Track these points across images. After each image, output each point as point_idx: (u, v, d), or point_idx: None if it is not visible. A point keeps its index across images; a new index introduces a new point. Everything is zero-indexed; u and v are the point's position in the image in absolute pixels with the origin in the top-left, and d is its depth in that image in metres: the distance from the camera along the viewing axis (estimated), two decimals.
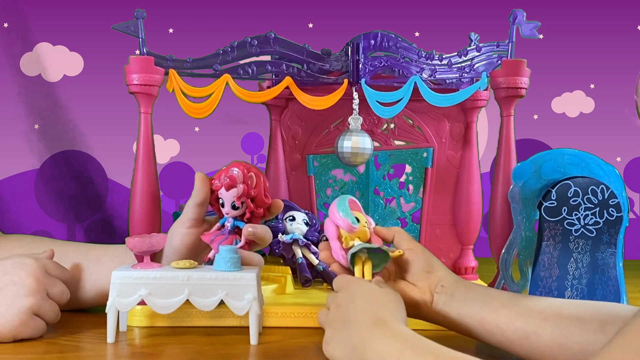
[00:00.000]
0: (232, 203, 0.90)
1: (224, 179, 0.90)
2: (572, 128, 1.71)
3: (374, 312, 0.74)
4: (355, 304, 0.76)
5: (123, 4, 1.43)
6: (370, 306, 0.75)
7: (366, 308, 0.75)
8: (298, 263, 1.05)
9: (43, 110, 1.60)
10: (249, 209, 0.90)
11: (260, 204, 0.91)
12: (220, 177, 0.90)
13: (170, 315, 0.90)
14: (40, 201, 1.60)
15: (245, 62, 1.00)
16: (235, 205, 0.90)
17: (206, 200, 0.91)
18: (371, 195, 1.18)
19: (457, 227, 1.17)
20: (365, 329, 0.72)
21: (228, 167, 0.91)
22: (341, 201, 0.87)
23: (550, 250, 0.94)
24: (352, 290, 0.78)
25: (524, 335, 0.77)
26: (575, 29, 1.68)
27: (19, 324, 0.84)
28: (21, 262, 0.87)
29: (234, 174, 0.90)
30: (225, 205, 0.91)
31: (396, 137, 1.16)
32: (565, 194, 0.92)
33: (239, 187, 0.89)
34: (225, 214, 0.91)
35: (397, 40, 1.04)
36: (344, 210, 0.86)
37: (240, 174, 0.90)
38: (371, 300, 0.76)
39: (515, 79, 0.99)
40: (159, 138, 1.63)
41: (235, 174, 0.90)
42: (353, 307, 0.76)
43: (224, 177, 0.90)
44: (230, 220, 0.91)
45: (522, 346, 0.77)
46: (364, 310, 0.75)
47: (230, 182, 0.89)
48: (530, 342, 0.77)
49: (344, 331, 0.74)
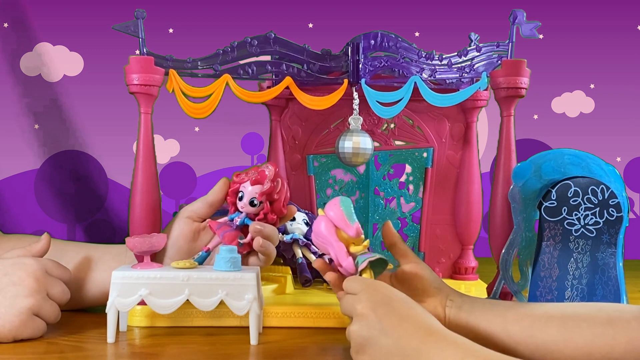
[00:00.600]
0: (252, 199, 0.90)
1: (252, 173, 0.90)
2: (572, 128, 1.71)
3: (423, 320, 0.71)
4: (395, 309, 0.72)
5: (123, 4, 1.43)
6: (414, 312, 0.72)
7: (409, 313, 0.71)
8: (298, 263, 1.05)
9: (43, 110, 1.60)
10: (264, 210, 0.90)
11: (277, 211, 0.91)
12: (249, 172, 0.91)
13: (170, 315, 0.90)
14: (40, 201, 1.60)
15: (245, 62, 1.00)
16: (254, 202, 0.90)
17: (218, 203, 0.93)
18: (371, 195, 1.18)
19: (457, 227, 1.17)
20: (418, 338, 0.68)
21: (260, 166, 0.92)
22: (348, 204, 0.85)
23: (550, 250, 0.94)
24: (383, 291, 0.74)
25: (529, 334, 0.77)
26: (575, 29, 1.68)
27: (19, 324, 0.84)
28: (21, 262, 0.87)
29: (265, 171, 0.90)
30: (243, 199, 0.90)
31: (396, 137, 1.16)
32: (565, 194, 0.92)
33: (266, 184, 0.89)
34: (240, 208, 0.91)
35: (397, 40, 1.04)
36: (352, 215, 0.85)
37: (272, 172, 0.90)
38: (412, 307, 0.73)
39: (515, 79, 0.99)
40: (159, 138, 1.63)
41: (267, 171, 0.90)
42: (392, 313, 0.71)
43: (254, 172, 0.91)
44: (242, 216, 0.91)
45: (528, 345, 0.77)
46: (408, 316, 0.71)
47: (259, 178, 0.90)
48: (537, 340, 0.76)
49: (384, 340, 0.70)
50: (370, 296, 0.74)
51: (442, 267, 1.18)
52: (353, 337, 0.72)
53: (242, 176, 0.91)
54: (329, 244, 0.85)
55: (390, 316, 0.71)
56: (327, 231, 0.85)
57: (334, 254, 0.84)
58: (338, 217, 0.85)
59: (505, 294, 0.98)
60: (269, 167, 0.91)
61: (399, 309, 0.72)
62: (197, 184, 1.66)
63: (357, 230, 0.84)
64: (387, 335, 0.70)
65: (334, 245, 0.84)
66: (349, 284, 0.78)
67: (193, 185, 1.65)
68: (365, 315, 0.72)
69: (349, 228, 0.84)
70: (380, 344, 0.70)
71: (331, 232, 0.85)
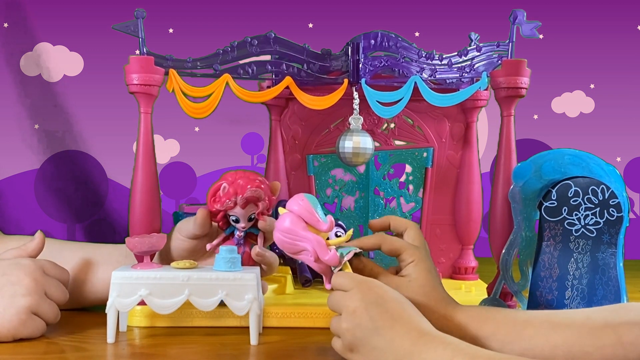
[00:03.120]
0: (250, 216, 0.90)
1: (240, 200, 0.88)
2: (572, 128, 1.71)
3: (415, 322, 0.72)
4: (388, 310, 0.72)
5: (123, 4, 1.43)
6: (406, 313, 0.73)
7: (402, 314, 0.72)
8: (298, 263, 1.05)
9: (43, 110, 1.60)
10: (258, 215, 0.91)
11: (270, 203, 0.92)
12: (228, 192, 0.89)
13: (170, 315, 0.90)
14: (40, 201, 1.60)
15: (245, 62, 1.00)
16: (252, 217, 0.91)
17: (203, 234, 0.92)
18: (371, 195, 1.18)
19: (457, 227, 1.17)
20: (410, 340, 0.70)
21: (232, 181, 0.89)
22: (313, 199, 0.83)
23: (550, 250, 0.94)
24: (377, 291, 0.75)
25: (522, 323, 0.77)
26: (575, 29, 1.68)
27: (18, 324, 0.84)
28: (18, 262, 0.87)
29: (255, 193, 0.88)
30: (241, 221, 0.90)
31: (396, 137, 1.16)
32: (565, 194, 0.92)
33: (264, 202, 0.89)
34: (240, 229, 0.91)
35: (397, 40, 1.04)
36: (318, 208, 0.82)
37: (261, 193, 0.89)
38: (405, 308, 0.74)
39: (515, 78, 0.99)
40: (159, 138, 1.63)
41: (258, 193, 0.88)
42: (385, 313, 0.72)
43: (241, 198, 0.88)
44: (240, 233, 0.91)
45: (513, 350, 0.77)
46: (400, 317, 0.72)
47: (249, 199, 0.88)
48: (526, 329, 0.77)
49: (377, 341, 0.71)
50: (364, 295, 0.74)
51: (442, 267, 1.18)
52: (346, 335, 0.73)
53: (224, 200, 0.89)
54: (304, 239, 0.81)
55: (383, 316, 0.72)
56: (297, 226, 0.81)
57: (312, 248, 0.80)
58: (306, 212, 0.81)
59: (505, 294, 0.98)
60: (255, 190, 0.88)
61: (391, 309, 0.72)
62: (197, 184, 1.66)
63: (330, 223, 0.80)
64: (380, 336, 0.71)
65: (311, 240, 0.80)
66: (340, 280, 0.77)
67: (193, 185, 1.65)
68: (358, 315, 0.72)
69: (320, 223, 0.81)
70: (373, 344, 0.71)
71: (302, 227, 0.81)
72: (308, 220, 0.81)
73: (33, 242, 0.92)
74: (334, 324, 0.75)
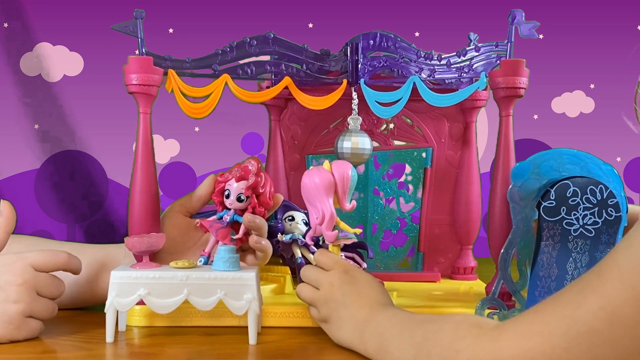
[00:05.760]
0: (239, 195, 0.91)
1: (236, 171, 0.92)
2: (572, 128, 1.71)
3: (376, 297, 0.83)
4: (357, 288, 0.84)
5: (123, 4, 1.43)
6: (373, 292, 0.84)
7: (369, 294, 0.83)
8: (297, 263, 1.05)
9: (43, 110, 1.60)
10: (252, 204, 0.91)
11: (264, 204, 0.92)
12: (233, 170, 0.93)
13: (169, 315, 0.90)
14: (40, 201, 1.60)
15: (245, 62, 1.00)
16: (241, 198, 0.91)
17: (206, 197, 0.96)
18: (370, 195, 1.18)
19: (457, 227, 1.17)
20: (368, 308, 0.81)
21: (242, 163, 0.94)
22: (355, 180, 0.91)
23: (549, 250, 0.94)
24: (352, 274, 0.86)
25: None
26: (575, 29, 1.68)
27: (13, 329, 0.83)
28: (6, 264, 0.84)
29: (249, 166, 0.92)
30: (230, 196, 0.91)
31: (395, 137, 1.16)
32: (564, 194, 0.92)
33: (250, 178, 0.90)
34: (229, 205, 0.92)
35: (396, 40, 1.04)
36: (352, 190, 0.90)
37: (255, 167, 0.92)
38: (373, 287, 0.85)
39: (514, 79, 0.99)
40: (159, 138, 1.63)
41: (250, 167, 0.91)
42: (354, 290, 0.84)
43: (237, 169, 0.92)
44: (230, 213, 0.92)
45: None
46: (367, 295, 0.83)
47: (243, 174, 0.91)
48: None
49: (343, 311, 0.83)
50: (341, 275, 0.86)
51: (441, 267, 1.18)
52: (322, 307, 0.85)
53: (227, 175, 0.93)
54: (322, 203, 0.88)
55: (352, 293, 0.84)
56: (326, 190, 0.88)
57: (323, 213, 0.88)
58: (342, 185, 0.88)
59: (504, 293, 0.98)
60: (251, 163, 0.92)
61: (360, 287, 0.84)
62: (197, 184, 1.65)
63: (352, 207, 0.89)
64: (346, 308, 0.83)
65: (328, 210, 0.88)
66: (322, 258, 0.89)
67: (193, 185, 1.65)
68: (334, 291, 0.85)
69: (345, 202, 0.88)
70: (341, 314, 0.83)
71: (329, 193, 0.88)
72: (339, 192, 0.88)
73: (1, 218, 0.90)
74: (311, 295, 0.87)
